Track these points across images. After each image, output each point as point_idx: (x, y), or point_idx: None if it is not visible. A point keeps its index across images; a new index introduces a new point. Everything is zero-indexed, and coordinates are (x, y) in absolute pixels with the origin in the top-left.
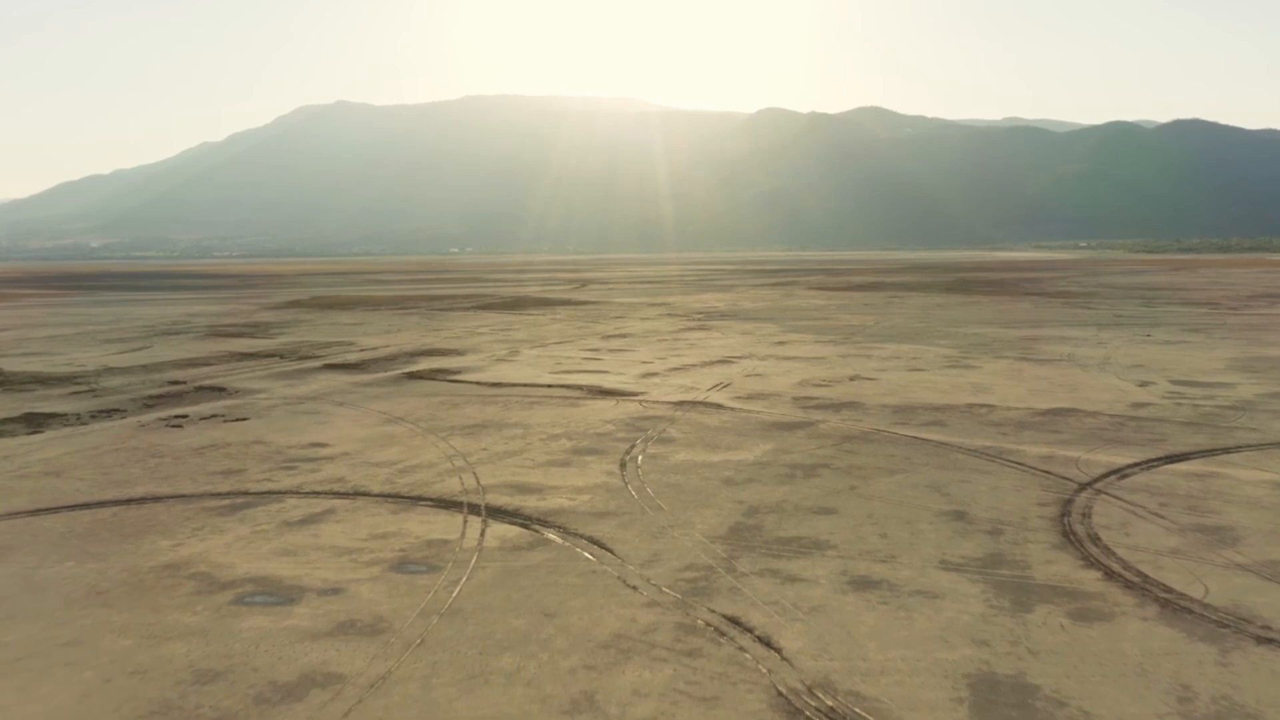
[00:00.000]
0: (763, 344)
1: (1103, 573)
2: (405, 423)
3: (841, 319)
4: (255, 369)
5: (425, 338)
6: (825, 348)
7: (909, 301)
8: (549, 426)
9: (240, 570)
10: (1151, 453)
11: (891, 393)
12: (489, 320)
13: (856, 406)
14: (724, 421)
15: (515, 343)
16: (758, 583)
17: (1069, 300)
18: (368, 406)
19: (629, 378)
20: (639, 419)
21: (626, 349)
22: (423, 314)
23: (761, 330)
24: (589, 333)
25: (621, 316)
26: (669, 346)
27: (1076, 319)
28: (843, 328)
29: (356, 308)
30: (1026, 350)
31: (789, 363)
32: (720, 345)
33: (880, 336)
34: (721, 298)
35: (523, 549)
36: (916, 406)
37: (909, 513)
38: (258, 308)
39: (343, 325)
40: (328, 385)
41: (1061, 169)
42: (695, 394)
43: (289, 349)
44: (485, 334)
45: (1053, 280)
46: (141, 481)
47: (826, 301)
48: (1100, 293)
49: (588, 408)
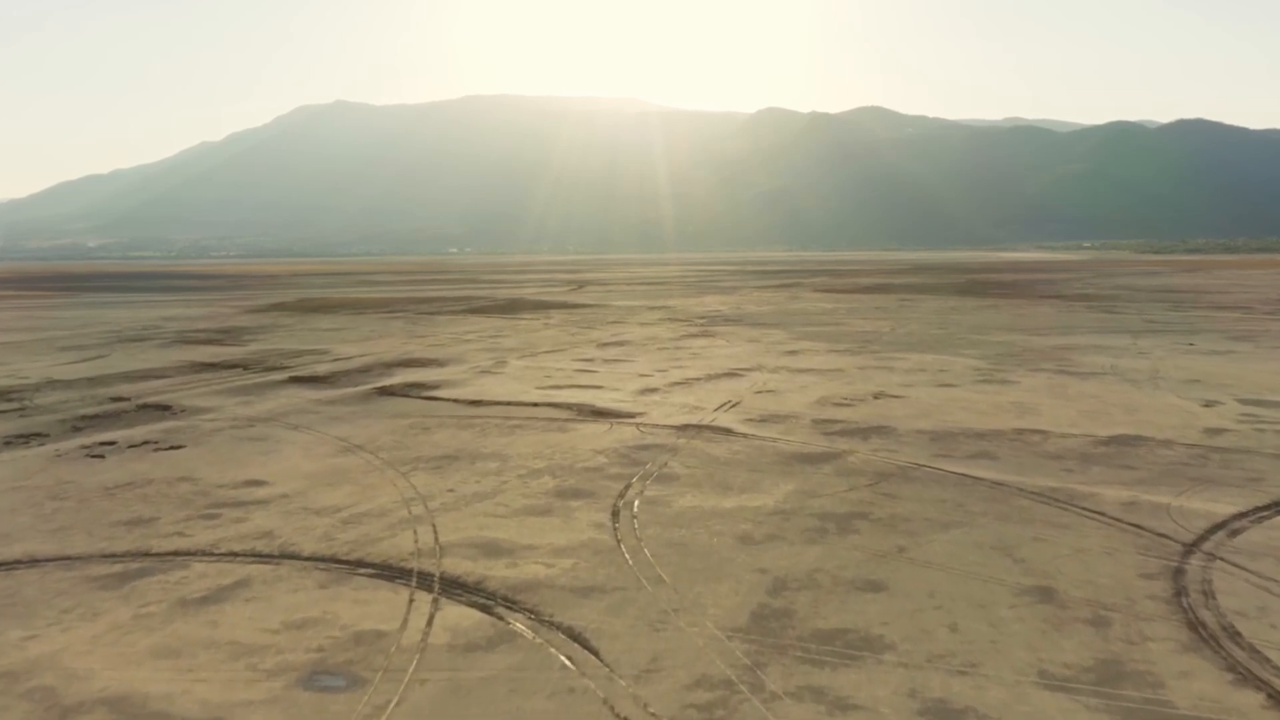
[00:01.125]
0: (772, 353)
1: (1265, 695)
2: (364, 452)
3: (854, 324)
4: (212, 382)
5: (407, 345)
6: (841, 358)
7: (922, 305)
8: (530, 458)
9: (96, 684)
10: (1255, 498)
11: (924, 414)
12: (478, 325)
13: (887, 432)
14: (735, 452)
15: (503, 351)
16: (795, 711)
17: (1091, 304)
18: (325, 431)
19: (626, 394)
20: (636, 448)
21: (624, 359)
22: (409, 318)
23: (769, 337)
24: (584, 340)
25: (619, 321)
26: (670, 356)
27: (1105, 325)
28: (857, 334)
29: (342, 311)
30: (1063, 362)
31: (803, 376)
32: (726, 355)
33: (899, 345)
34: (724, 300)
35: (479, 648)
36: (956, 432)
37: (980, 590)
38: (238, 310)
39: (322, 331)
40: (287, 403)
41: (1062, 169)
42: (701, 415)
43: (256, 358)
44: (472, 341)
45: (1066, 282)
46: (25, 536)
47: (835, 305)
48: (1121, 295)
49: (577, 433)
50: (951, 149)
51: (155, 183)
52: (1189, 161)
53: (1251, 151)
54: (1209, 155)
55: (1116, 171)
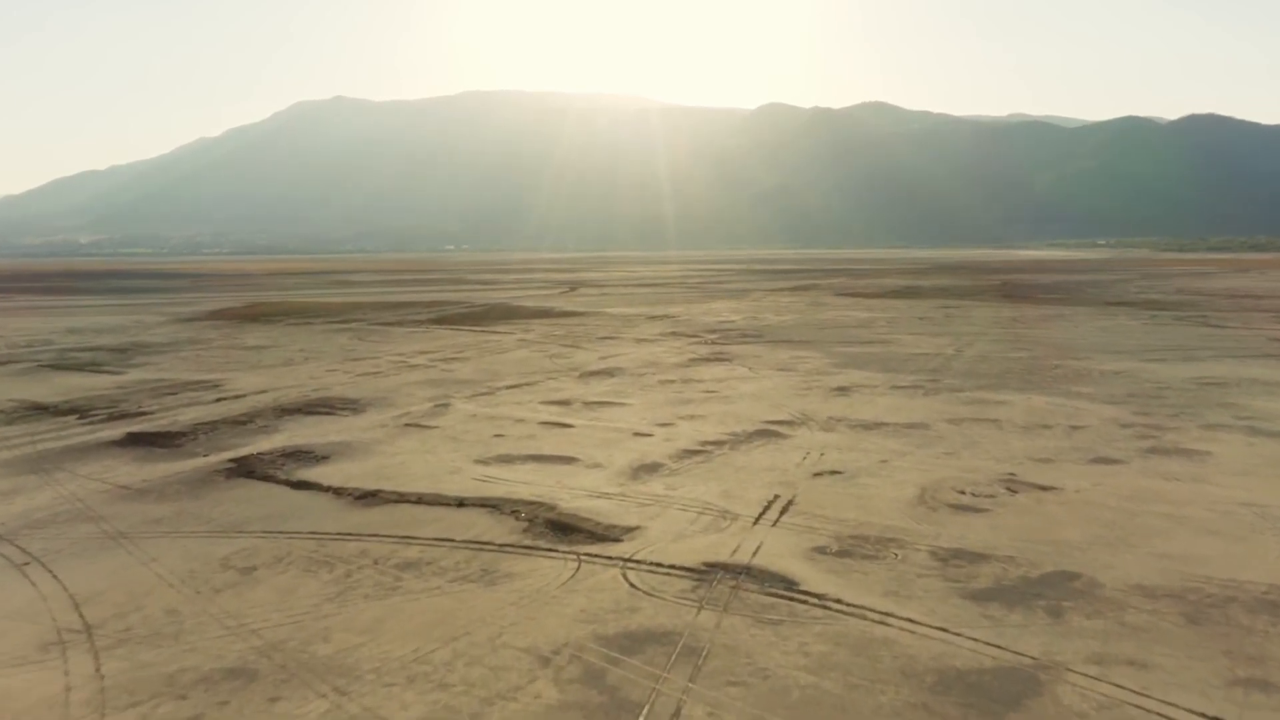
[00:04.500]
0: (815, 392)
1: None
2: (77, 650)
3: (904, 342)
4: (11, 441)
5: (329, 375)
6: (914, 400)
7: (971, 314)
8: (395, 682)
9: None
10: None
11: (1118, 538)
12: (438, 342)
13: (1082, 593)
14: (813, 658)
15: (452, 385)
16: None
17: (1174, 314)
18: (67, 575)
19: (609, 477)
20: (618, 644)
21: (612, 400)
22: (360, 330)
23: (804, 363)
24: (563, 366)
25: (612, 337)
26: (675, 396)
27: (1224, 345)
28: (915, 359)
29: (287, 319)
30: (1235, 410)
31: (874, 437)
32: (752, 394)
33: (981, 377)
34: (736, 307)
35: None
36: (1215, 596)
37: None
38: (165, 320)
39: (242, 350)
40: (71, 494)
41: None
42: (735, 536)
43: (116, 397)
44: (419, 367)
45: (1116, 284)
46: None
47: (868, 313)
48: (1198, 302)
49: (511, 590)
50: (956, 145)
51: (152, 179)
52: (1201, 158)
53: (1264, 147)
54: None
55: (1127, 168)
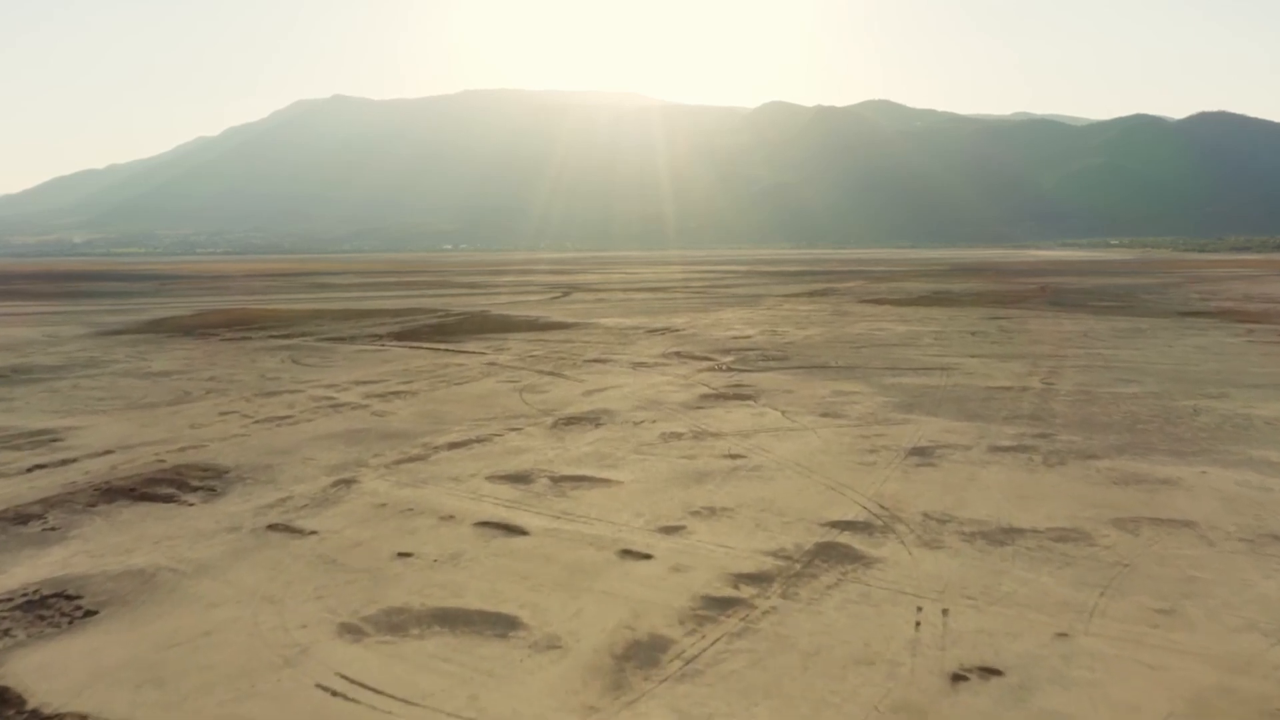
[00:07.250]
0: (884, 458)
1: None
2: None
3: (969, 368)
4: None
5: (219, 423)
6: (1032, 473)
7: (1029, 327)
8: None
9: None
10: None
11: None
12: (385, 366)
13: None
14: None
15: (375, 441)
16: None
17: (1274, 327)
18: None
19: (568, 681)
20: None
21: (592, 475)
22: (304, 348)
23: (852, 403)
24: (535, 405)
25: (603, 359)
26: (685, 465)
27: None
28: (997, 396)
29: (225, 333)
30: None
31: (1013, 566)
32: (795, 463)
33: (1103, 430)
34: (749, 317)
35: None
36: None
37: None
38: (89, 333)
39: (137, 378)
40: None
41: (1078, 164)
42: None
43: None
44: (344, 407)
45: (1167, 290)
46: None
47: (906, 326)
48: (1275, 311)
49: None
50: (961, 143)
51: (150, 177)
52: (1211, 156)
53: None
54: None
55: (1135, 167)
